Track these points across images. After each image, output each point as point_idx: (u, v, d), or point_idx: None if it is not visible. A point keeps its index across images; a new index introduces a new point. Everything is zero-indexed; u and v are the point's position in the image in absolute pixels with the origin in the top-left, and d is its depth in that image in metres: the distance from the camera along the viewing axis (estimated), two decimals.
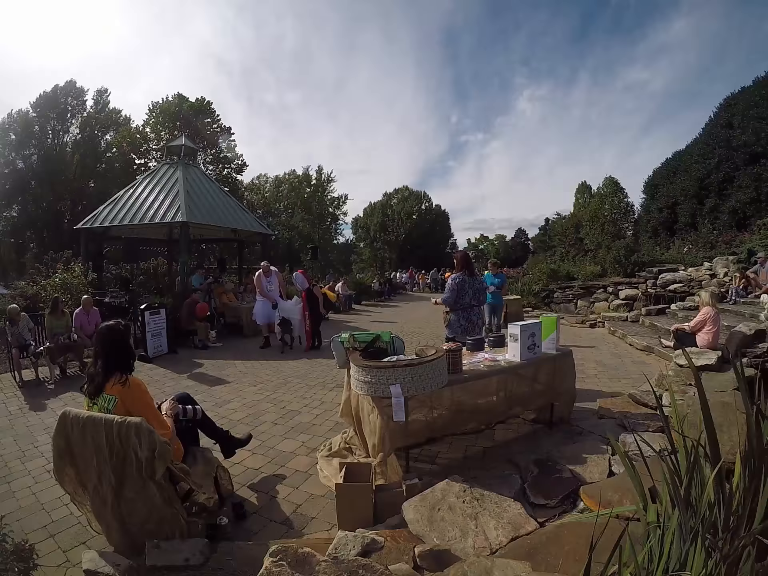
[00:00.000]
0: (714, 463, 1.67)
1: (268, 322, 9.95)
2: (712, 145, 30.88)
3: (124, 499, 2.67)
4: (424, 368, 3.46)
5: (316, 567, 2.02)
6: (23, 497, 3.65)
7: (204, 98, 41.72)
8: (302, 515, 3.30)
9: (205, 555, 2.59)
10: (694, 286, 12.61)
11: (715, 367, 5.52)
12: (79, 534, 3.10)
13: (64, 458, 2.75)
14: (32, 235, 39.44)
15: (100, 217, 12.87)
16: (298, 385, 6.72)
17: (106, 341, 2.99)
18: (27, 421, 5.47)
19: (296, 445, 4.53)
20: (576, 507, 2.98)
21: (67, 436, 2.69)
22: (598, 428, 4.41)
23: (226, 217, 13.71)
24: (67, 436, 2.69)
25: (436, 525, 2.68)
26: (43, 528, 3.19)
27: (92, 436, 2.63)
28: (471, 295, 5.43)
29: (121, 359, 2.96)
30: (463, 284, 5.39)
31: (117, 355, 2.95)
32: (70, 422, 2.67)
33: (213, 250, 30.96)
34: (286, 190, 48.84)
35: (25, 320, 7.63)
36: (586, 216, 44.02)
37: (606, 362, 7.59)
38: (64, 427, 2.69)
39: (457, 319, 5.47)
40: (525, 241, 67.51)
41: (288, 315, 9.59)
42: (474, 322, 5.51)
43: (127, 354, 3.04)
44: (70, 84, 39.22)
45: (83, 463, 2.70)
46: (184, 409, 3.48)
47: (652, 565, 1.61)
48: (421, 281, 32.55)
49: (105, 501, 2.69)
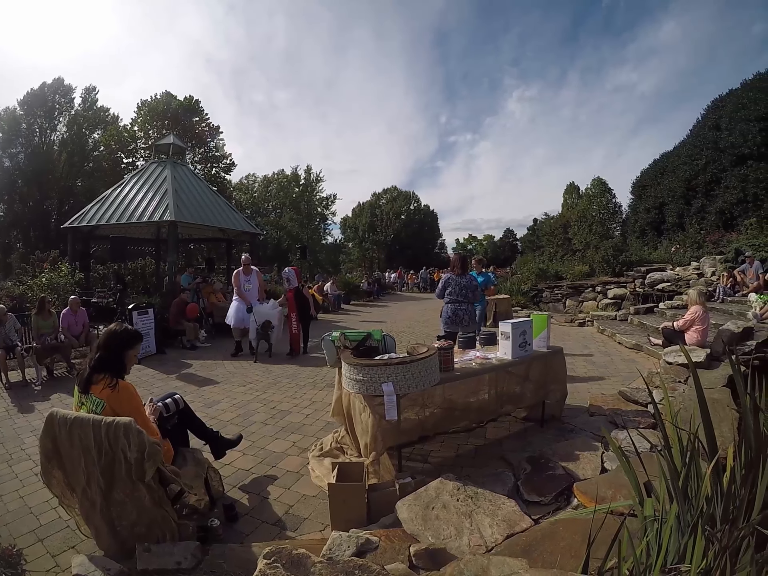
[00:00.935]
0: (711, 455, 1.67)
1: (242, 327, 9.02)
2: (699, 147, 31.14)
3: (113, 502, 2.63)
4: (416, 366, 3.45)
5: (311, 568, 1.99)
6: (10, 501, 3.59)
7: (192, 97, 41.47)
8: (294, 516, 3.27)
9: (197, 558, 2.55)
10: (682, 285, 12.70)
11: (704, 364, 5.57)
12: (68, 538, 3.05)
13: (51, 460, 2.70)
14: (18, 234, 38.96)
15: (87, 216, 12.74)
16: (288, 385, 6.68)
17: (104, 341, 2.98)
18: (13, 423, 5.38)
19: (287, 446, 4.49)
20: (570, 504, 2.99)
21: (54, 438, 2.65)
22: (589, 425, 4.44)
23: (215, 217, 13.65)
24: (54, 438, 2.65)
25: (430, 524, 2.67)
26: (32, 532, 3.13)
27: (80, 437, 2.58)
28: (457, 291, 6.01)
29: (115, 362, 2.94)
30: (449, 281, 6.10)
31: (113, 356, 2.93)
32: (58, 423, 2.63)
33: (201, 250, 30.78)
34: (275, 190, 48.70)
35: (11, 321, 7.49)
36: (574, 216, 44.38)
37: (595, 360, 7.63)
38: (51, 428, 2.65)
39: (445, 310, 6.14)
40: (513, 242, 67.67)
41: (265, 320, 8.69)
42: (460, 316, 6.01)
43: (122, 359, 3.02)
44: (58, 81, 38.81)
45: (71, 465, 2.65)
46: (166, 405, 3.44)
47: (650, 558, 1.61)
48: (410, 281, 32.56)
49: (94, 504, 2.65)
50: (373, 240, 52.73)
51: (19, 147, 37.53)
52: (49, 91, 38.28)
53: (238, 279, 8.95)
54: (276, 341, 9.02)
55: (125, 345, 3.04)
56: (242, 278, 8.97)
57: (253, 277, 9.05)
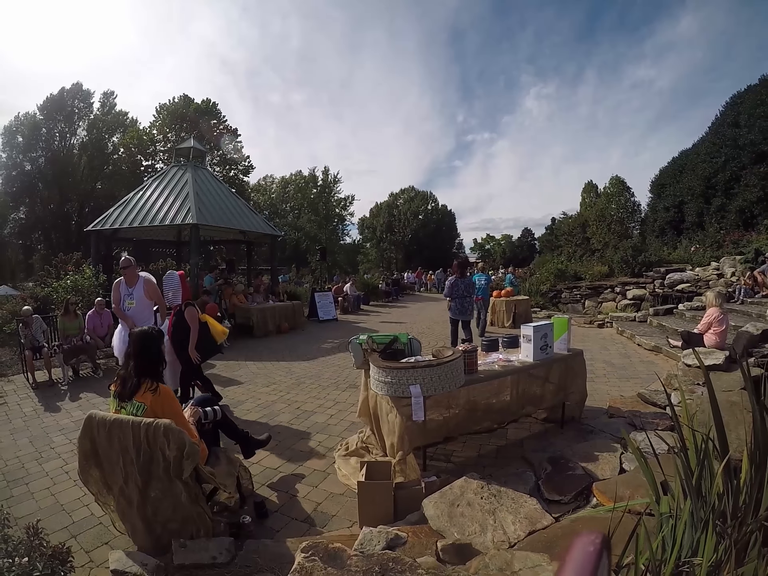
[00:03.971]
0: (723, 455, 1.76)
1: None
2: (718, 144, 30.83)
3: (149, 499, 2.74)
4: (442, 369, 3.55)
5: (347, 561, 2.11)
6: (42, 498, 3.71)
7: (210, 99, 42.08)
8: (322, 513, 3.38)
9: (232, 553, 2.64)
10: (702, 286, 12.63)
11: (723, 366, 5.58)
12: (101, 534, 3.17)
13: (89, 459, 2.81)
14: (40, 236, 39.80)
15: (110, 219, 12.97)
16: (311, 386, 6.78)
17: (139, 345, 3.05)
18: (42, 422, 5.53)
19: (313, 445, 4.61)
20: (589, 503, 3.06)
21: (92, 438, 2.76)
22: (608, 427, 4.48)
23: (236, 219, 13.80)
24: (92, 438, 2.76)
25: (456, 520, 2.77)
26: (65, 529, 3.25)
27: (119, 438, 2.70)
28: (462, 289, 8.22)
29: (152, 365, 3.03)
30: (457, 283, 8.21)
31: (149, 360, 3.02)
32: (96, 425, 2.74)
33: (220, 251, 31.08)
34: (293, 191, 49.04)
35: (37, 322, 7.72)
36: (592, 215, 43.98)
37: (614, 362, 7.65)
38: (89, 429, 2.76)
39: (454, 305, 8.31)
40: (531, 241, 67.11)
41: None
42: (466, 307, 8.32)
43: (159, 361, 3.12)
44: (77, 86, 39.59)
45: (109, 464, 2.77)
46: (205, 412, 3.54)
47: (665, 554, 1.70)
48: (428, 282, 32.40)
49: (131, 501, 2.77)
50: (391, 240, 52.73)
51: (40, 151, 38.29)
52: (68, 96, 39.04)
53: (118, 292, 5.93)
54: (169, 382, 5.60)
55: (159, 344, 3.17)
56: (123, 291, 5.93)
57: (138, 288, 5.91)
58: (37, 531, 2.23)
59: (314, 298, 14.94)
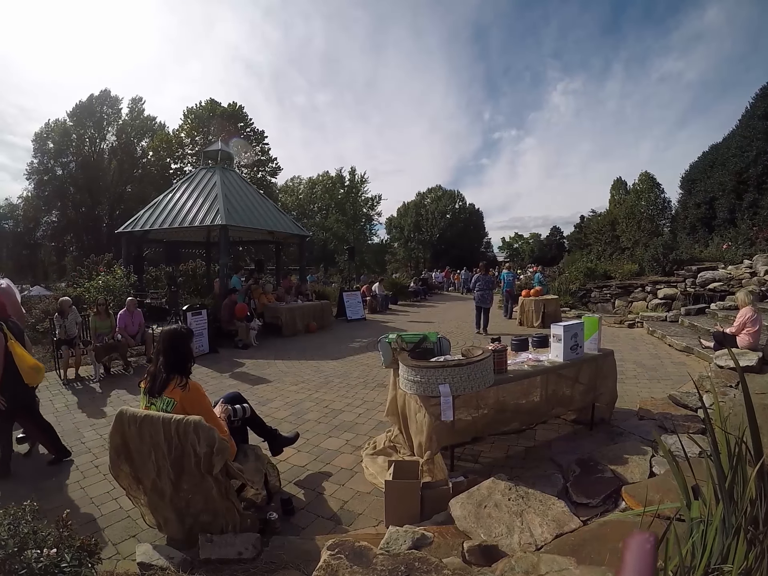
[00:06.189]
0: (756, 459, 1.72)
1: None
2: (749, 138, 29.87)
3: (182, 491, 2.81)
4: (472, 368, 3.54)
5: (373, 560, 2.12)
6: (72, 491, 3.82)
7: (236, 103, 42.67)
8: (349, 511, 3.40)
9: (257, 549, 2.67)
10: (734, 284, 12.29)
11: (756, 368, 5.45)
12: (129, 527, 3.24)
13: (120, 455, 2.89)
14: (72, 238, 40.89)
15: (140, 221, 13.27)
16: (339, 385, 6.81)
17: (168, 343, 3.12)
18: (73, 417, 5.65)
19: (340, 443, 4.63)
20: (618, 507, 3.01)
21: (123, 434, 2.83)
22: (638, 429, 4.42)
23: (264, 220, 13.98)
24: (123, 434, 2.83)
25: (482, 521, 2.76)
26: (93, 521, 3.34)
27: (150, 433, 2.76)
28: (483, 283, 11.40)
29: (181, 362, 3.10)
30: (479, 278, 11.61)
31: (178, 357, 3.09)
32: (127, 420, 2.81)
33: (249, 252, 31.46)
34: (320, 192, 49.35)
35: (74, 314, 7.90)
36: (622, 213, 43.34)
37: (645, 363, 7.51)
38: (120, 425, 2.83)
39: (476, 295, 11.49)
40: (560, 239, 66.36)
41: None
42: (485, 297, 11.27)
43: (188, 358, 3.19)
44: (105, 93, 40.78)
45: (140, 459, 2.84)
46: (234, 410, 3.59)
47: (695, 560, 1.67)
48: (456, 281, 32.11)
49: (163, 494, 2.83)
50: (419, 239, 52.77)
51: (70, 156, 39.50)
52: (96, 102, 40.23)
53: None
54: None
55: (188, 342, 3.24)
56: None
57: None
58: (66, 523, 2.28)
59: (342, 298, 15.09)
